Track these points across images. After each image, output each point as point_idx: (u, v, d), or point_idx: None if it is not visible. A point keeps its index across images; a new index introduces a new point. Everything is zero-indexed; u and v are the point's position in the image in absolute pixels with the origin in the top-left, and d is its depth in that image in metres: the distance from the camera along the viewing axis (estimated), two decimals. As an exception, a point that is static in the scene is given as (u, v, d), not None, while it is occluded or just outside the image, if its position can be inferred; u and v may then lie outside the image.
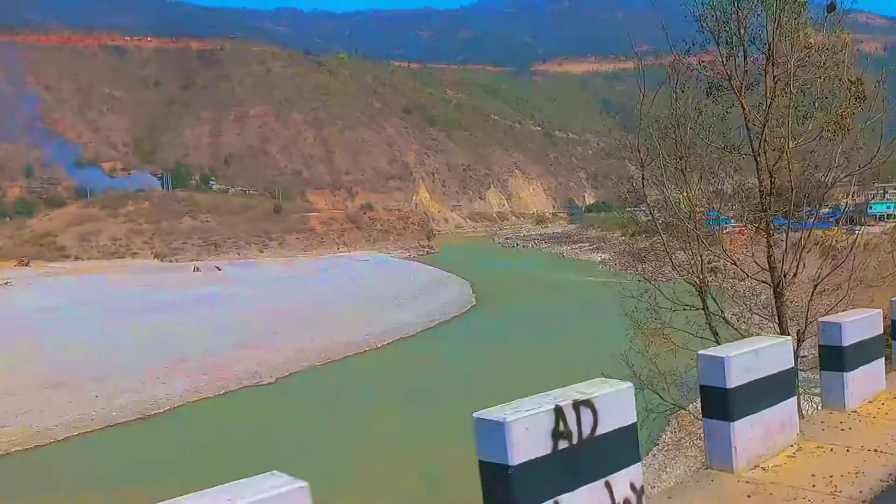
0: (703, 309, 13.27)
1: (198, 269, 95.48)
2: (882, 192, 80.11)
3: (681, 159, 12.34)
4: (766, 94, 11.01)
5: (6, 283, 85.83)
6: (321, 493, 2.56)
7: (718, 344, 10.26)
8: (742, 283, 14.05)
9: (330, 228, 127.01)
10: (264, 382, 36.81)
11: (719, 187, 13.45)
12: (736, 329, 13.06)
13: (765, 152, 11.34)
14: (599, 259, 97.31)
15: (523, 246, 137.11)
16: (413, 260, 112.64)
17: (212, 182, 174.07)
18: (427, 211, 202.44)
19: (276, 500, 2.59)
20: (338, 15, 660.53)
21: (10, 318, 54.52)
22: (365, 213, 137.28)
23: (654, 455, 23.88)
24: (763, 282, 12.12)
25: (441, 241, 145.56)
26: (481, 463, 3.32)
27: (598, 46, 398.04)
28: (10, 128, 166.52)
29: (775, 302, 11.90)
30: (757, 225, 12.88)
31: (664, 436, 26.29)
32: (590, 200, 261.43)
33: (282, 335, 47.88)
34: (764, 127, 11.14)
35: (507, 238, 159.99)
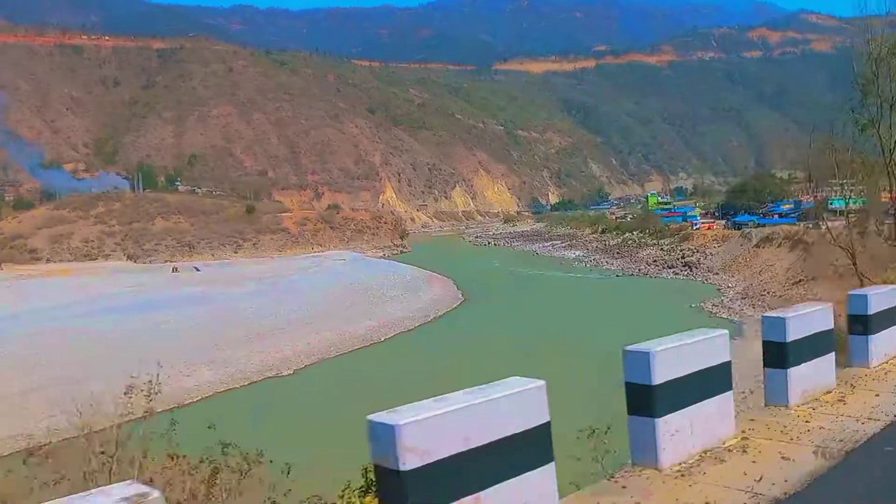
0: (853, 266, 19.07)
1: (176, 269, 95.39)
2: (840, 188, 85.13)
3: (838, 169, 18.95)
4: (890, 128, 16.67)
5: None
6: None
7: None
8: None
9: (304, 228, 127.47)
10: (284, 374, 38.15)
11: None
12: (871, 280, 18.24)
13: (893, 166, 16.83)
14: (574, 256, 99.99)
15: (495, 244, 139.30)
16: (388, 259, 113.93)
17: (177, 183, 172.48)
18: (394, 210, 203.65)
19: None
20: (294, 13, 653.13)
21: (3, 320, 54.35)
22: (338, 213, 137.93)
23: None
24: (894, 246, 17.32)
25: (410, 241, 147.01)
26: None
27: (557, 45, 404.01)
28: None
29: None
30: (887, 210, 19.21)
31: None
32: (553, 199, 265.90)
33: (287, 331, 49.09)
34: (892, 150, 16.74)
35: (476, 237, 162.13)
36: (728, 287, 59.32)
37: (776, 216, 73.57)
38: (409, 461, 3.37)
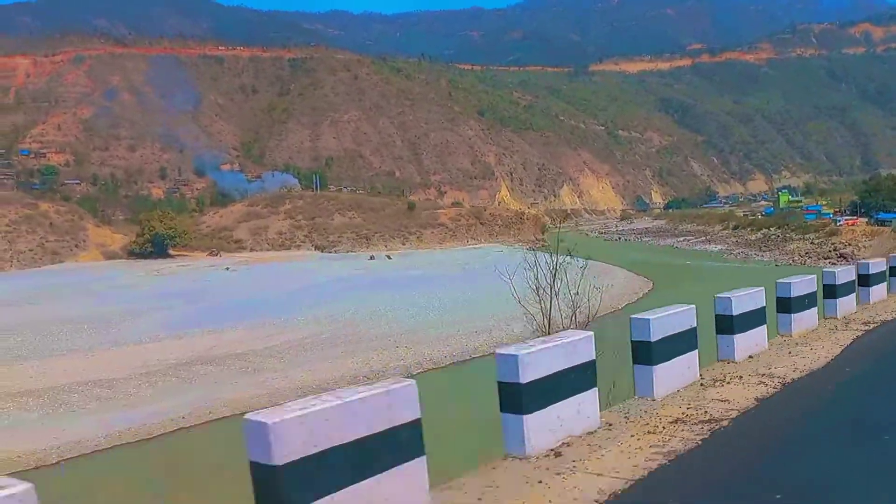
0: None
1: (373, 257, 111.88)
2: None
3: None
4: None
5: (228, 269, 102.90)
6: None
7: None
8: None
9: (458, 224, 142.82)
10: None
11: None
12: None
13: None
14: (716, 249, 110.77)
15: (625, 239, 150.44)
16: (536, 251, 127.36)
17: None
18: (508, 208, 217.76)
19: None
20: (387, 16, 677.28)
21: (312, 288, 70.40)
22: (486, 210, 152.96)
23: None
24: None
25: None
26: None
27: (649, 44, 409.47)
28: (153, 133, 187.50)
29: None
30: None
31: None
32: (656, 197, 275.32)
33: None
34: None
35: (600, 232, 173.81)
36: (891, 274, 69.55)
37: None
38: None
